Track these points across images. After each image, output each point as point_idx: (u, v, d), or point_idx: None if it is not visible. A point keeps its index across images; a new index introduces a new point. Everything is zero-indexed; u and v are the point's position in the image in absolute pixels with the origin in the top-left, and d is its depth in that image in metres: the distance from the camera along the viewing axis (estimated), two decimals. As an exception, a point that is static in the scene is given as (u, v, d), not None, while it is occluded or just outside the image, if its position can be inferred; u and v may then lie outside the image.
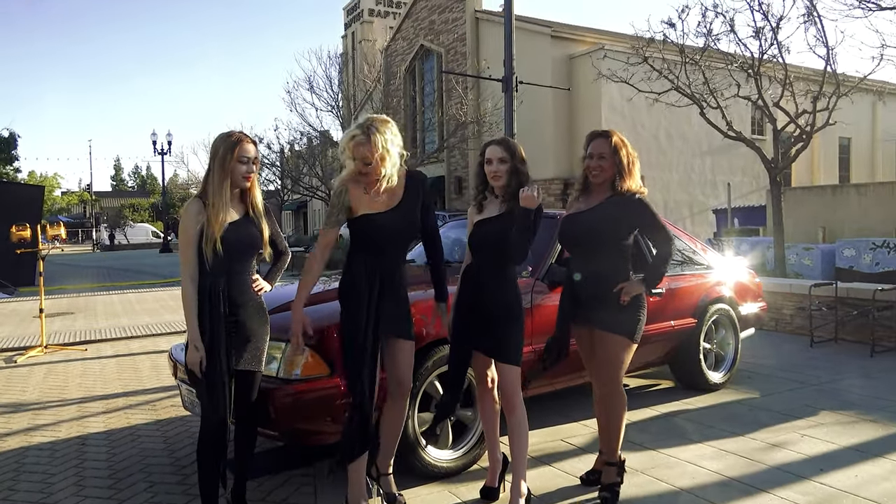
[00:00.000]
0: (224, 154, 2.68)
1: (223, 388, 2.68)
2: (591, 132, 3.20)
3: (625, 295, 3.02)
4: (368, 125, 2.73)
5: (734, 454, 3.71)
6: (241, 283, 2.78)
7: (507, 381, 2.98)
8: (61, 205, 64.92)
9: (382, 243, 2.84)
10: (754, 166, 19.60)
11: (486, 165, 3.03)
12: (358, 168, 2.75)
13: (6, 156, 37.52)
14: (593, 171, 3.11)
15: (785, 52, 10.01)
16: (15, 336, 8.31)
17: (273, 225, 2.96)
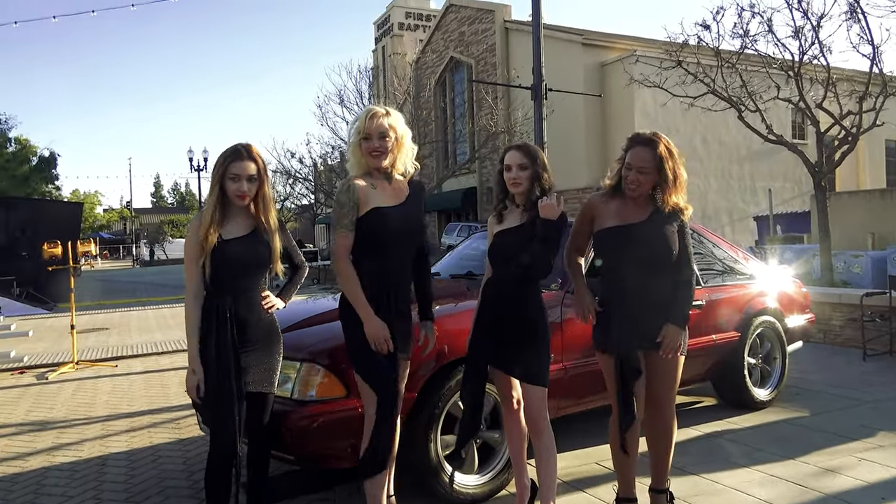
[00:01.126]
0: (217, 169, 2.57)
1: (231, 411, 2.54)
2: (634, 137, 2.85)
3: (668, 351, 2.78)
4: (387, 108, 2.72)
5: (785, 480, 3.42)
6: (248, 301, 2.63)
7: (532, 403, 2.78)
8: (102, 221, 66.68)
9: (389, 241, 2.65)
10: (796, 171, 18.99)
11: (505, 172, 2.83)
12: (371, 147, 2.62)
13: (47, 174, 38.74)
14: (631, 185, 2.79)
15: (827, 51, 9.61)
16: (50, 352, 8.39)
17: (287, 239, 2.82)
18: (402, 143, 2.70)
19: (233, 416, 2.53)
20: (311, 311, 3.68)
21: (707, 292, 4.54)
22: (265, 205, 2.65)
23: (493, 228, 2.93)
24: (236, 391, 2.55)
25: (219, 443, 2.57)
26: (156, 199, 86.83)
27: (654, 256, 2.80)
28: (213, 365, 2.54)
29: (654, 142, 2.75)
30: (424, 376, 3.12)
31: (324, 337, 3.16)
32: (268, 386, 2.69)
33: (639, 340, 2.81)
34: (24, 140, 38.98)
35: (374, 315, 2.58)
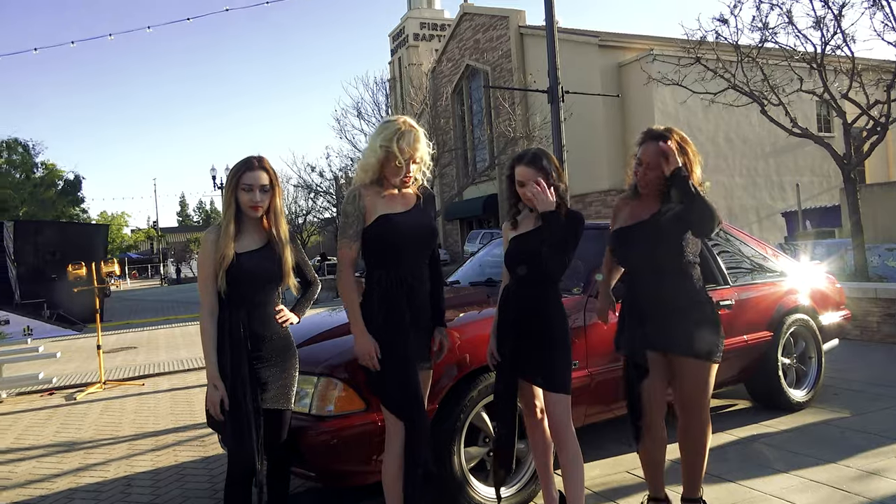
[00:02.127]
0: (229, 181, 2.54)
1: (248, 428, 2.49)
2: (647, 132, 2.78)
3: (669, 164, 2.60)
4: (408, 120, 2.62)
5: (827, 485, 3.27)
6: (262, 316, 2.59)
7: (555, 413, 2.67)
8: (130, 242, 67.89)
9: (400, 248, 2.59)
10: (823, 165, 18.63)
11: (517, 187, 2.72)
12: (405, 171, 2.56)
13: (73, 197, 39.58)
14: (641, 181, 2.76)
15: (850, 41, 9.38)
16: (78, 373, 8.47)
17: (299, 254, 2.76)
18: (423, 160, 2.65)
19: (250, 432, 2.48)
20: (328, 325, 3.62)
21: (736, 291, 4.40)
22: (276, 217, 2.61)
23: (507, 235, 2.86)
24: (253, 407, 2.51)
25: (237, 460, 2.52)
26: (181, 218, 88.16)
27: (656, 255, 2.73)
28: (229, 381, 2.49)
29: (665, 136, 2.69)
30: (446, 386, 3.04)
31: (341, 350, 3.09)
32: (284, 402, 2.64)
33: (651, 341, 2.73)
34: (50, 165, 39.96)
35: (365, 331, 2.54)
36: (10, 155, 38.88)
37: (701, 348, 2.70)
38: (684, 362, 2.72)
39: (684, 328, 2.70)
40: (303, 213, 32.25)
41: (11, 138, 38.87)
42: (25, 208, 37.05)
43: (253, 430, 2.51)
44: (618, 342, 2.90)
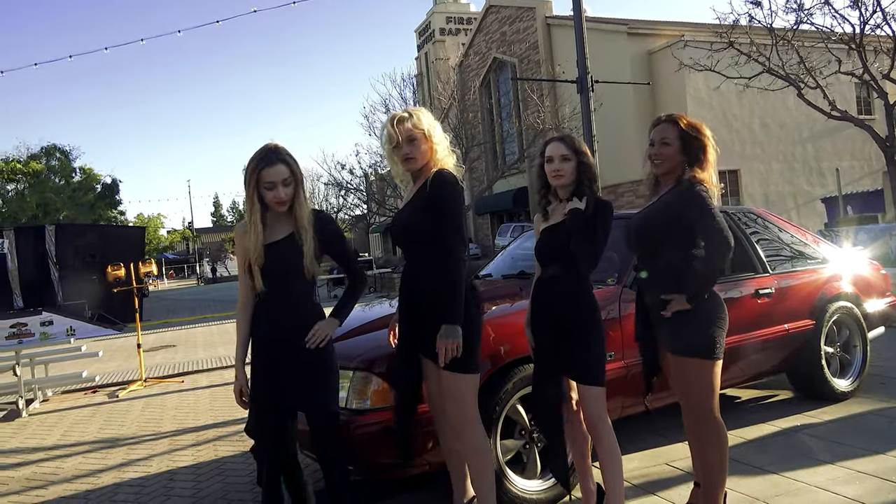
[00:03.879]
0: (250, 177, 2.45)
1: (268, 422, 2.51)
2: (657, 118, 2.80)
3: (669, 309, 2.60)
4: (406, 109, 2.71)
5: (874, 476, 3.17)
6: (283, 311, 2.50)
7: (590, 405, 2.64)
8: (166, 243, 69.32)
9: (396, 243, 2.76)
10: (864, 148, 18.09)
11: (546, 164, 2.71)
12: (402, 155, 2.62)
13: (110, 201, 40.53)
14: (655, 160, 2.71)
15: (891, 19, 9.08)
16: (120, 371, 8.68)
17: (344, 246, 2.67)
18: (431, 139, 2.61)
19: (270, 426, 2.49)
20: (365, 319, 3.64)
21: (776, 279, 4.30)
22: (299, 206, 2.49)
23: (539, 226, 2.83)
24: (273, 401, 2.50)
25: (260, 451, 2.55)
26: (216, 219, 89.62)
27: (647, 240, 2.71)
28: (252, 373, 2.53)
29: (674, 116, 2.73)
30: (481, 379, 3.02)
31: (377, 344, 3.11)
32: (309, 400, 2.50)
33: (660, 337, 2.71)
34: (88, 169, 40.99)
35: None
36: (49, 161, 40.01)
37: (689, 345, 2.58)
38: (675, 360, 2.64)
39: (673, 323, 2.61)
40: (334, 211, 32.54)
41: (51, 144, 40.02)
42: (66, 212, 38.09)
43: (272, 424, 2.50)
44: (635, 334, 2.90)
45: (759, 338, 4.10)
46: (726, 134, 18.10)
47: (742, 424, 4.12)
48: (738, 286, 4.11)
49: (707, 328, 2.58)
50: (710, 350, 2.58)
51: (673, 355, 2.64)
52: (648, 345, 2.79)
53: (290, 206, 2.49)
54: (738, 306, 4.02)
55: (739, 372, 4.14)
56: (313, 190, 31.95)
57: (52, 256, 14.95)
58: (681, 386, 2.68)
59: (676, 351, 2.62)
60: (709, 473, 2.63)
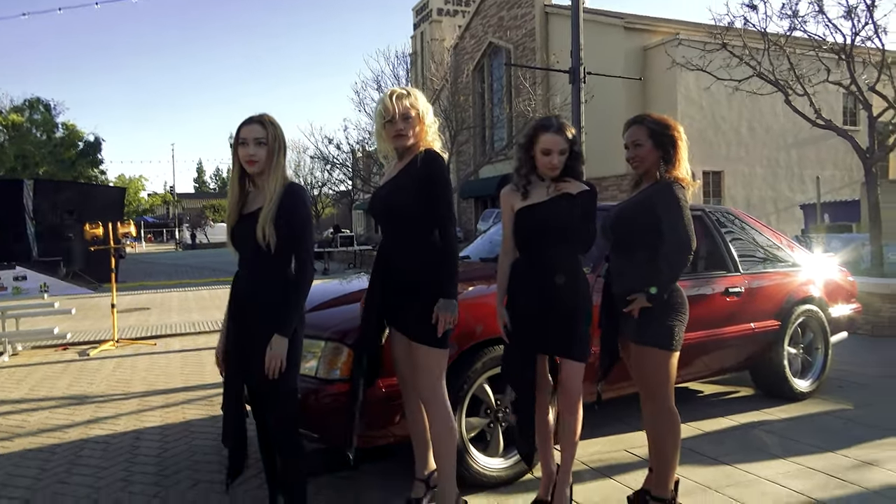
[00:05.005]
0: (234, 139, 2.48)
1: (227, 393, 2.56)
2: (627, 121, 2.86)
3: (632, 307, 2.68)
4: (406, 88, 2.72)
5: (823, 473, 3.30)
6: (247, 283, 2.53)
7: (573, 379, 2.73)
8: (146, 206, 68.46)
9: (375, 218, 2.79)
10: (846, 159, 18.36)
11: (542, 156, 2.71)
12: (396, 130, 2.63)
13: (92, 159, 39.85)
14: (633, 162, 2.80)
15: (882, 32, 9.18)
16: (92, 330, 8.63)
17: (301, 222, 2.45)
18: (424, 121, 2.67)
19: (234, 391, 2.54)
20: (338, 292, 3.68)
21: (746, 279, 4.39)
22: (271, 172, 2.45)
23: (514, 203, 2.79)
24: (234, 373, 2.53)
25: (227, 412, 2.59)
26: (198, 185, 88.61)
27: (620, 234, 2.78)
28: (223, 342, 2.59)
29: (639, 118, 2.80)
30: (451, 357, 3.07)
31: (349, 317, 3.14)
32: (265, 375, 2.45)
33: (622, 326, 2.78)
34: (70, 125, 40.16)
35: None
36: (31, 114, 39.16)
37: (650, 336, 2.66)
38: (636, 349, 2.72)
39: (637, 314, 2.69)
40: (318, 185, 32.34)
41: (34, 97, 39.14)
42: (45, 167, 37.39)
43: (231, 395, 2.54)
44: (599, 321, 2.94)
45: (725, 335, 4.20)
46: (713, 135, 18.26)
47: (701, 417, 4.23)
48: (710, 283, 4.20)
49: (668, 321, 2.67)
50: (669, 342, 2.66)
51: (635, 344, 2.72)
52: (611, 333, 2.86)
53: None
54: (707, 303, 4.12)
55: (704, 367, 4.24)
56: (299, 162, 31.70)
57: (28, 211, 14.72)
58: (640, 374, 2.76)
59: (638, 340, 2.70)
60: (661, 458, 2.72)
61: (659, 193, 2.66)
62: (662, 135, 2.70)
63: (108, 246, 7.57)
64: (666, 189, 2.65)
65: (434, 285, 2.61)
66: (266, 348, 2.41)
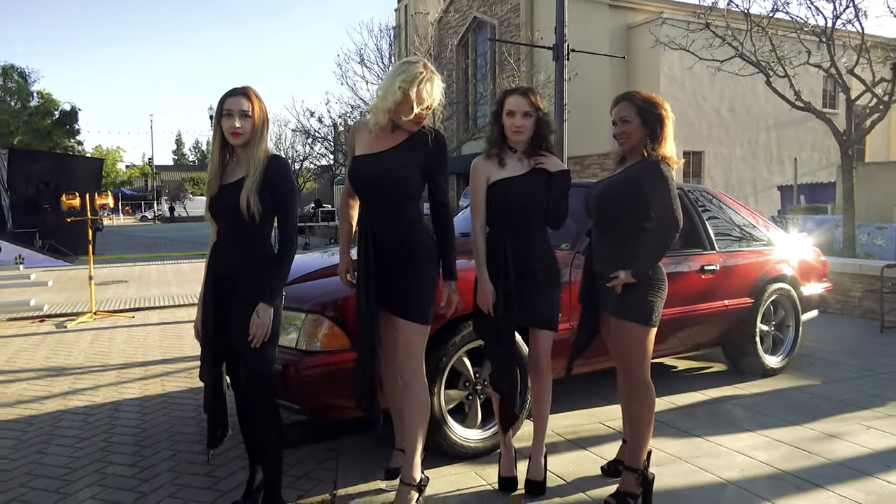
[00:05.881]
0: (217, 110, 2.49)
1: (207, 362, 2.56)
2: (615, 98, 2.86)
3: (615, 283, 2.71)
4: (429, 65, 2.55)
5: (789, 445, 3.41)
6: (227, 253, 2.53)
7: (543, 346, 2.84)
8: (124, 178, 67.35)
9: (358, 187, 2.65)
10: (824, 141, 18.56)
11: (506, 117, 2.77)
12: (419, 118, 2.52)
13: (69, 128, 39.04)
14: (620, 139, 2.81)
15: (862, 16, 9.26)
16: (69, 302, 8.55)
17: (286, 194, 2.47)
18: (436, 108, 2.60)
19: (207, 366, 2.54)
20: (319, 265, 3.69)
21: (721, 257, 4.47)
22: (255, 144, 2.47)
23: (490, 174, 2.80)
24: (214, 343, 2.54)
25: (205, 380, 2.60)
26: (177, 157, 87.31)
27: (605, 210, 2.81)
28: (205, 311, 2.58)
29: (631, 94, 2.80)
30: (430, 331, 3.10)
31: (330, 289, 3.16)
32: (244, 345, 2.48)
33: (603, 301, 2.83)
34: (46, 94, 39.29)
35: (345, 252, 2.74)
36: (5, 82, 38.18)
37: (630, 310, 2.70)
38: (615, 323, 2.77)
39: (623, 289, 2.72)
40: (300, 159, 32.03)
41: (8, 64, 38.17)
42: (20, 137, 36.58)
43: (210, 365, 2.55)
44: (580, 296, 3.00)
45: (700, 311, 4.29)
46: (695, 115, 18.33)
47: (675, 391, 4.33)
48: (686, 261, 4.27)
49: (648, 297, 2.71)
50: (648, 317, 2.71)
51: (614, 318, 2.77)
52: (591, 308, 2.91)
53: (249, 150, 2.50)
54: (683, 280, 4.19)
55: (679, 342, 4.33)
56: (280, 135, 31.32)
57: (3, 181, 14.45)
58: (617, 348, 2.82)
59: (618, 315, 2.74)
60: (635, 430, 2.79)
61: (646, 171, 2.69)
62: (650, 112, 2.71)
63: (85, 217, 7.47)
64: (653, 167, 2.67)
65: (432, 263, 2.62)
66: (246, 318, 2.43)
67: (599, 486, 2.94)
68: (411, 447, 2.68)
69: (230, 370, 2.66)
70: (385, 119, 2.56)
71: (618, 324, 2.75)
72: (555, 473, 3.08)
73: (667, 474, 3.03)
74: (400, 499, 2.66)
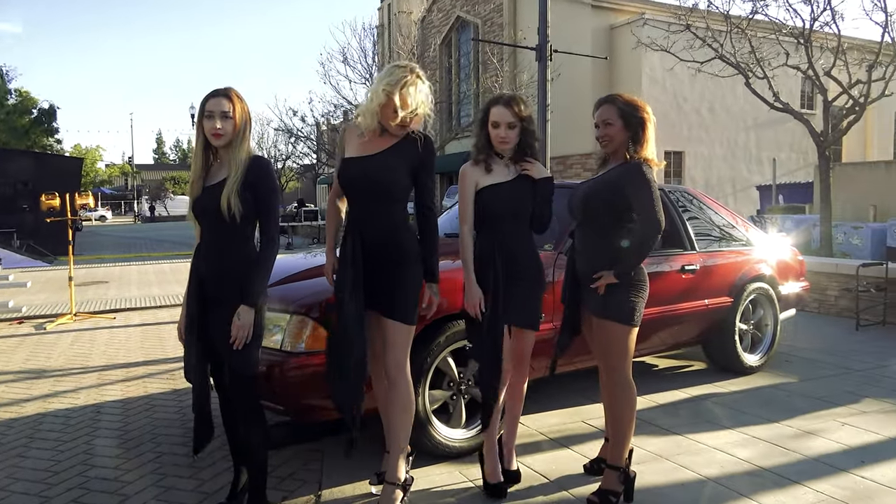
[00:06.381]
0: (198, 111, 2.49)
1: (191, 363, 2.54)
2: (597, 100, 2.91)
3: (598, 284, 2.76)
4: (417, 70, 2.59)
5: (767, 442, 3.47)
6: (210, 255, 2.52)
7: (526, 346, 2.89)
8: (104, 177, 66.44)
9: (347, 190, 2.67)
10: (802, 142, 18.82)
11: (491, 129, 2.80)
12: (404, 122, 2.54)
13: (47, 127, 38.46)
14: (602, 141, 2.85)
15: (839, 18, 9.43)
16: (49, 303, 8.45)
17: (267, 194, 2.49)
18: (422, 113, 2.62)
19: (192, 367, 2.53)
20: (304, 266, 3.69)
21: (701, 257, 4.54)
22: (237, 145, 2.48)
23: (481, 180, 2.83)
24: (197, 344, 2.53)
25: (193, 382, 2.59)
26: (158, 156, 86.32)
27: (589, 212, 2.85)
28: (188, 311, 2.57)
29: (611, 97, 2.85)
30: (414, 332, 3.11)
31: (315, 290, 3.16)
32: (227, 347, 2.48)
33: (585, 301, 2.87)
34: (24, 92, 38.60)
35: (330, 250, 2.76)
36: (-19, 80, 37.50)
37: (613, 310, 2.74)
38: (598, 323, 2.81)
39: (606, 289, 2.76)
40: (282, 158, 31.85)
41: (-17, 62, 37.46)
42: (-3, 136, 35.98)
43: (196, 367, 2.53)
44: (562, 296, 3.04)
45: (681, 311, 4.35)
46: (676, 116, 18.51)
47: (656, 390, 4.39)
48: (667, 261, 4.33)
49: (630, 298, 2.76)
50: (630, 317, 2.75)
51: (597, 318, 2.80)
52: (573, 308, 2.94)
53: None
54: (664, 280, 4.25)
55: (660, 341, 4.39)
56: (262, 134, 31.11)
57: (-21, 181, 14.20)
58: (600, 347, 2.85)
59: (601, 315, 2.78)
60: (617, 429, 2.83)
61: (628, 174, 2.73)
62: (632, 115, 2.76)
63: (64, 217, 7.39)
64: (635, 169, 2.71)
65: (417, 263, 2.65)
66: (229, 320, 2.43)
67: (582, 485, 2.98)
68: (396, 446, 2.70)
69: (214, 371, 2.65)
70: (373, 122, 2.58)
71: (600, 323, 2.79)
72: (537, 472, 3.12)
73: (648, 472, 3.07)
74: (385, 498, 2.68)
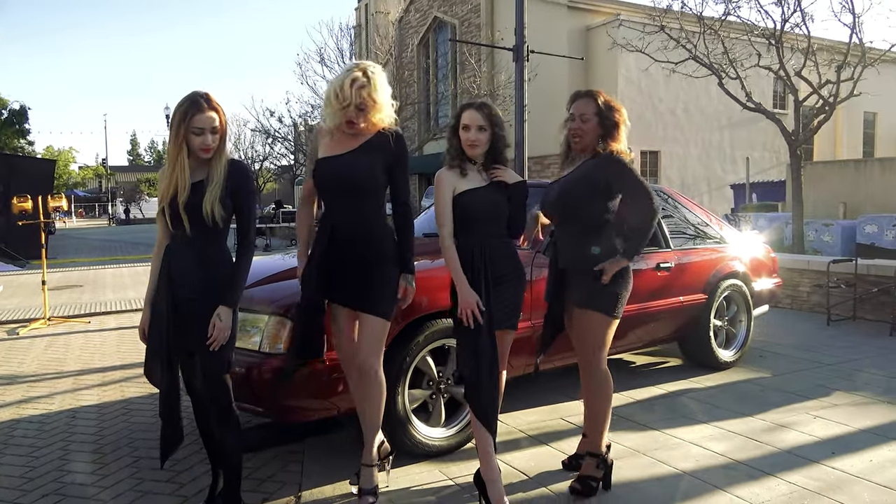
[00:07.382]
0: (177, 124, 2.43)
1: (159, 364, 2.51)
2: (575, 92, 2.95)
3: (605, 275, 2.79)
4: (368, 68, 2.61)
5: (741, 435, 3.54)
6: (183, 259, 2.50)
7: (506, 345, 2.88)
8: (77, 179, 65.35)
9: (322, 189, 2.72)
10: (775, 141, 19.14)
11: (462, 131, 2.78)
12: (347, 116, 2.58)
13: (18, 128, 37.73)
14: (574, 134, 2.88)
15: (808, 19, 9.63)
16: (21, 308, 8.31)
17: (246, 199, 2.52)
18: (378, 105, 2.61)
19: (160, 367, 2.50)
20: (281, 267, 3.67)
21: (676, 255, 4.61)
22: (219, 153, 2.49)
23: (458, 185, 2.80)
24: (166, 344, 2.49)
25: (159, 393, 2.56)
26: (132, 157, 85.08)
27: (567, 208, 2.89)
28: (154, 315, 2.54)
29: (593, 92, 2.89)
30: (394, 330, 3.13)
31: (293, 291, 3.14)
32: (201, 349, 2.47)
33: (569, 295, 2.91)
34: (-7, 92, 37.86)
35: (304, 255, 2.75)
36: (-52, 80, 36.63)
37: (596, 300, 2.80)
38: (579, 312, 2.86)
39: (586, 281, 2.82)
40: (259, 159, 31.61)
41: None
42: (-35, 137, 35.22)
43: (161, 367, 2.50)
44: (546, 295, 3.07)
45: (656, 308, 4.42)
46: (651, 116, 18.73)
47: (633, 386, 4.45)
48: (643, 259, 4.38)
49: (615, 289, 2.83)
50: (612, 308, 2.82)
51: (579, 308, 2.85)
52: (556, 306, 2.98)
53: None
54: (640, 278, 4.28)
55: (636, 338, 4.45)
56: (239, 136, 30.85)
57: (-53, 183, 13.88)
58: (579, 337, 2.90)
59: (584, 305, 2.83)
60: (594, 419, 2.90)
61: (603, 164, 2.79)
62: (608, 116, 2.81)
63: (37, 220, 7.26)
64: (612, 160, 2.78)
65: (393, 259, 2.71)
66: (204, 321, 2.43)
67: (561, 481, 3.01)
68: (370, 429, 2.77)
69: (184, 373, 2.63)
70: (336, 120, 2.63)
71: (581, 313, 2.84)
72: (517, 469, 3.15)
73: (626, 467, 3.12)
74: (364, 479, 2.75)
